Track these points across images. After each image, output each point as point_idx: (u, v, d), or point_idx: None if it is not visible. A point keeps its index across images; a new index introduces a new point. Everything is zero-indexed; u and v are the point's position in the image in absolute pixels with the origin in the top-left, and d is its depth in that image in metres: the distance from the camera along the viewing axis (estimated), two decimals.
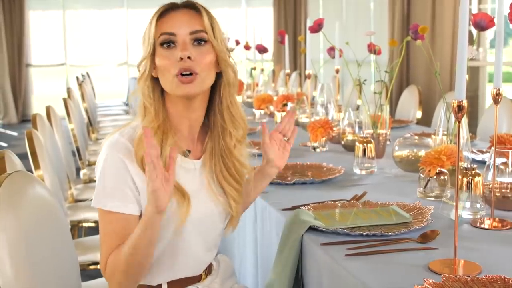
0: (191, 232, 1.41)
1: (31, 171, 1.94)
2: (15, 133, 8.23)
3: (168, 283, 1.43)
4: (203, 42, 1.36)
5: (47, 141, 2.52)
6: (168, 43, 1.35)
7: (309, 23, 2.79)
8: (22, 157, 1.91)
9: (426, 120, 4.18)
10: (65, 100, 3.67)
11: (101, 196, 1.33)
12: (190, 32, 1.35)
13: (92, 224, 2.73)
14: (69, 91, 4.34)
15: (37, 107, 9.17)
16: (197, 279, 1.47)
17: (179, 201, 1.35)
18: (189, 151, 1.43)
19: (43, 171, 2.17)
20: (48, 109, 3.05)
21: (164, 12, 1.38)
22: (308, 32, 2.78)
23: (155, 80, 1.39)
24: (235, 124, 1.44)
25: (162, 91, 1.40)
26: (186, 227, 1.38)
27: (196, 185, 1.41)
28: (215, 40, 1.37)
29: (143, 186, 1.31)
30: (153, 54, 1.37)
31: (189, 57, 1.33)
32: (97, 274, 2.12)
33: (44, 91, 9.67)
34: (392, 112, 4.60)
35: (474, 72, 5.98)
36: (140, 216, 1.34)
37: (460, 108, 1.20)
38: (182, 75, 1.33)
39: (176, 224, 1.36)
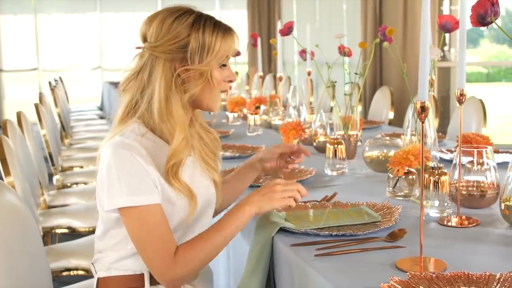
0: (196, 220, 1.51)
1: (1, 178, 1.93)
2: None
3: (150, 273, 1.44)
4: None
5: (17, 148, 2.50)
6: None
7: (280, 26, 2.81)
8: None
9: (398, 120, 4.23)
10: (36, 106, 3.63)
11: (128, 194, 1.33)
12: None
13: (66, 230, 2.70)
14: (40, 96, 4.29)
15: (9, 112, 9.04)
16: None
17: (189, 199, 1.44)
18: None
19: (13, 178, 2.15)
20: (19, 115, 3.01)
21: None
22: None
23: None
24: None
25: None
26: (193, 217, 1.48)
27: (197, 176, 1.51)
28: None
29: (158, 179, 1.38)
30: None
31: None
32: (70, 280, 2.11)
33: (17, 97, 9.51)
34: (366, 113, 4.65)
35: (445, 73, 6.07)
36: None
37: (423, 109, 1.23)
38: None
39: (184, 218, 1.46)
